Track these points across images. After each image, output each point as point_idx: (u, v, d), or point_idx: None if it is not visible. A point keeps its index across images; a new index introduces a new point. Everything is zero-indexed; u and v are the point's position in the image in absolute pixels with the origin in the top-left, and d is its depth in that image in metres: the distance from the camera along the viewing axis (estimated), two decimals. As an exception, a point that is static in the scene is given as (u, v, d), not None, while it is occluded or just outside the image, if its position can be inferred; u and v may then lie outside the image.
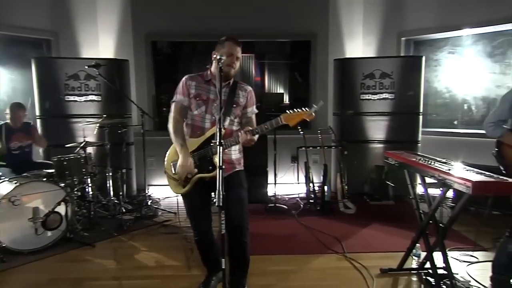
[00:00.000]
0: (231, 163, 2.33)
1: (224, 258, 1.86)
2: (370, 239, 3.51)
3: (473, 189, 1.88)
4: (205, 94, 2.30)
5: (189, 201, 2.39)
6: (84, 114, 4.56)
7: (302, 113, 2.06)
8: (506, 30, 4.59)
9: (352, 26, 5.53)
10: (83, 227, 3.63)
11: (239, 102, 2.34)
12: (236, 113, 2.33)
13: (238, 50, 2.25)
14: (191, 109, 2.32)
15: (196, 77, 2.36)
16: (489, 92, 4.87)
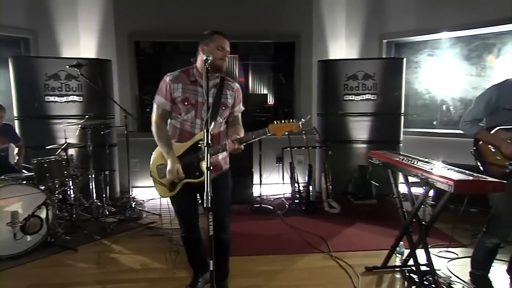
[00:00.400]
0: (218, 164, 2.30)
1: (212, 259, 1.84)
2: (354, 238, 3.55)
3: (455, 188, 1.92)
4: (193, 97, 2.20)
5: (177, 202, 2.35)
6: (65, 115, 4.44)
7: (290, 125, 2.06)
8: (481, 34, 4.75)
9: (335, 28, 5.59)
10: (65, 230, 3.53)
11: (227, 103, 2.27)
12: (224, 115, 2.28)
13: (228, 44, 2.20)
14: (179, 113, 2.23)
15: (180, 76, 2.22)
16: (466, 94, 5.01)
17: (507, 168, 2.29)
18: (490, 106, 2.40)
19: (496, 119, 2.40)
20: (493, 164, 2.37)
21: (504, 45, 4.68)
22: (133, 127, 5.21)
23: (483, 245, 2.47)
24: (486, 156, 2.41)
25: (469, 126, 2.47)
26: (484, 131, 2.44)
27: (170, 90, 2.21)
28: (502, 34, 4.66)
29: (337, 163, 4.82)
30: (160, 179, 2.29)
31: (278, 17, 5.40)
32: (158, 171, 2.30)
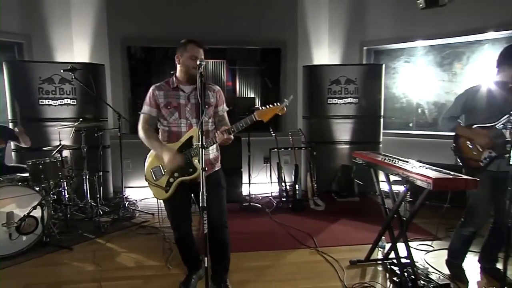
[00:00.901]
0: (210, 163, 2.30)
1: (207, 256, 1.83)
2: (339, 233, 3.58)
3: (434, 185, 1.97)
4: (175, 101, 2.25)
5: (170, 204, 2.33)
6: (59, 118, 4.34)
7: (274, 108, 2.05)
8: (452, 43, 4.89)
9: (319, 36, 5.64)
10: (60, 230, 3.45)
11: (210, 102, 2.30)
12: (209, 114, 2.30)
13: (202, 52, 2.21)
14: (165, 118, 2.26)
15: (162, 86, 2.30)
16: (439, 98, 5.14)
17: (482, 162, 2.39)
18: (465, 106, 2.51)
19: (473, 118, 2.49)
20: (470, 158, 2.46)
21: (472, 54, 4.83)
22: (126, 129, 5.13)
23: (461, 234, 2.57)
24: (464, 152, 2.51)
25: (447, 122, 2.59)
26: (461, 126, 2.55)
27: (154, 97, 2.28)
28: (470, 43, 4.81)
29: (322, 163, 4.86)
30: (155, 181, 2.27)
31: (265, 24, 5.42)
32: (153, 174, 2.29)
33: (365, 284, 2.53)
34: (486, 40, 4.70)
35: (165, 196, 2.26)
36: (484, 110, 2.42)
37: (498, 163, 2.36)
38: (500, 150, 2.31)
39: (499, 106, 2.36)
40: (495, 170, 2.36)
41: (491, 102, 2.41)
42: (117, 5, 5.11)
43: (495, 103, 2.39)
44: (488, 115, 2.41)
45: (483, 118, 2.43)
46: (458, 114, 2.58)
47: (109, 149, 4.80)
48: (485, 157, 2.39)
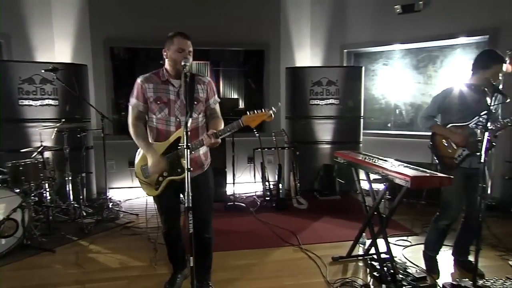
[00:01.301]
0: (200, 161, 2.25)
1: (193, 256, 1.81)
2: (321, 231, 3.62)
3: (411, 183, 2.02)
4: (165, 96, 2.15)
5: (160, 200, 2.29)
6: (40, 119, 4.20)
7: (262, 115, 2.01)
8: (427, 47, 5.05)
9: (301, 38, 5.69)
10: (42, 233, 3.33)
11: (200, 97, 2.21)
12: (199, 110, 2.21)
13: (189, 44, 2.10)
14: (154, 113, 2.17)
15: (151, 78, 2.18)
16: (415, 99, 5.27)
17: (456, 159, 2.51)
18: (441, 106, 2.61)
19: (448, 117, 2.60)
20: (446, 156, 2.57)
21: (445, 58, 4.99)
22: (109, 130, 5.04)
23: (436, 226, 2.66)
24: (440, 149, 2.61)
25: (424, 121, 2.68)
26: (437, 125, 2.64)
27: (142, 91, 2.17)
28: (443, 47, 4.97)
29: (304, 162, 4.90)
30: (145, 178, 2.23)
31: (249, 27, 5.42)
32: (143, 171, 2.24)
33: (346, 279, 2.56)
34: (457, 45, 4.87)
35: (155, 193, 2.21)
36: (458, 110, 2.53)
37: (470, 160, 2.48)
38: (473, 148, 2.42)
39: (472, 107, 2.47)
40: (467, 167, 2.47)
41: (464, 103, 2.51)
42: (99, 5, 5.00)
43: (468, 104, 2.49)
44: (462, 115, 2.51)
45: (457, 118, 2.53)
46: (435, 114, 2.68)
47: (92, 150, 4.68)
48: (459, 155, 2.50)
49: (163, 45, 2.19)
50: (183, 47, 2.08)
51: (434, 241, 2.71)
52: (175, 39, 2.11)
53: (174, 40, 2.11)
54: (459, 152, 2.50)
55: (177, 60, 2.09)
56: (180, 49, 2.08)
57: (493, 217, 3.92)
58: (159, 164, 2.11)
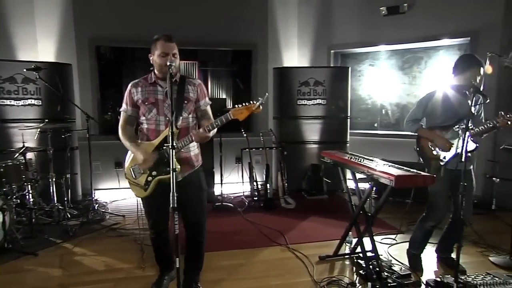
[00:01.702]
0: (190, 161, 2.24)
1: (178, 257, 1.80)
2: (309, 230, 3.64)
3: (396, 182, 2.05)
4: (153, 97, 2.17)
5: (148, 202, 2.28)
6: (22, 119, 4.10)
7: (250, 107, 2.00)
8: (412, 49, 5.14)
9: (289, 39, 5.71)
10: (24, 236, 3.25)
11: (190, 97, 2.22)
12: (189, 109, 2.21)
13: (172, 47, 2.10)
14: (143, 115, 2.19)
15: (140, 82, 2.23)
16: (401, 99, 5.36)
17: (442, 161, 2.56)
18: (427, 109, 2.67)
19: (432, 120, 2.67)
20: (431, 158, 2.63)
21: (429, 59, 5.09)
22: (95, 130, 4.96)
23: (422, 227, 2.70)
24: (426, 152, 2.66)
25: (410, 125, 2.73)
26: (422, 128, 2.70)
27: (130, 95, 2.22)
28: (428, 49, 5.06)
29: (292, 162, 4.92)
30: (135, 179, 2.20)
31: (236, 27, 5.42)
32: (132, 172, 2.23)
33: (333, 278, 2.58)
34: (441, 47, 4.97)
35: (144, 195, 2.20)
36: (442, 113, 2.59)
37: (456, 162, 2.47)
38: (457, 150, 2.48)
39: (455, 109, 2.54)
40: (453, 169, 2.48)
41: (447, 106, 2.57)
42: (84, 4, 4.91)
43: (452, 107, 2.55)
44: (445, 118, 2.58)
45: (441, 121, 2.60)
46: (420, 117, 2.73)
47: (78, 150, 4.60)
48: (444, 157, 2.56)
49: (150, 45, 2.19)
50: (166, 51, 2.09)
51: (419, 240, 2.76)
52: (158, 44, 2.11)
53: (157, 45, 2.12)
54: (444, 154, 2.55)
55: (161, 64, 2.10)
56: (163, 53, 2.09)
57: (475, 214, 4.01)
58: (149, 158, 2.11)
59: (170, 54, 2.09)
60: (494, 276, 2.39)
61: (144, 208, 2.31)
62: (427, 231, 2.69)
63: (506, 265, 2.74)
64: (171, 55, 2.09)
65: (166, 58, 2.07)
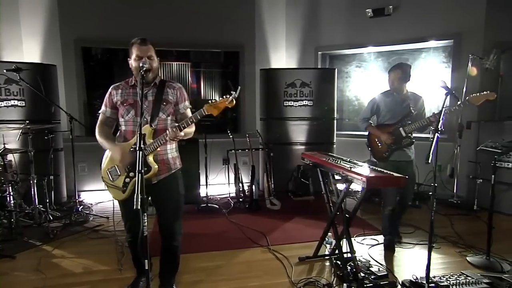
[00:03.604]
0: (167, 164, 2.23)
1: (147, 259, 1.79)
2: (292, 231, 3.63)
3: (367, 183, 2.05)
4: (131, 98, 2.18)
5: (124, 204, 2.26)
6: (4, 120, 4.06)
7: (223, 101, 1.97)
8: (398, 50, 5.17)
9: (276, 40, 5.72)
10: (3, 238, 3.22)
11: (169, 99, 2.22)
12: (168, 111, 2.21)
13: (146, 50, 2.09)
14: (122, 116, 2.19)
15: (120, 85, 2.25)
16: (388, 101, 5.37)
17: (385, 154, 3.09)
18: (373, 109, 3.21)
19: (379, 119, 3.20)
20: (378, 151, 3.17)
21: (415, 60, 5.11)
22: (81, 131, 4.92)
23: (383, 214, 3.15)
24: (373, 146, 3.21)
25: (361, 123, 3.29)
26: (371, 126, 3.23)
27: (110, 97, 2.25)
28: (413, 50, 5.09)
29: (279, 163, 4.92)
30: (112, 182, 2.19)
31: (225, 28, 5.42)
32: (109, 174, 2.21)
33: (310, 279, 2.58)
34: (425, 48, 5.01)
35: (122, 197, 2.18)
36: (386, 112, 3.13)
37: (398, 154, 3.05)
38: (397, 144, 3.03)
39: (395, 109, 3.08)
40: (397, 160, 3.04)
41: (389, 106, 3.11)
42: (69, 4, 4.89)
43: (393, 107, 3.10)
44: (389, 117, 3.11)
45: (385, 119, 3.14)
46: (369, 116, 3.25)
47: (62, 152, 4.57)
48: (387, 150, 3.08)
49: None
50: (140, 55, 2.10)
51: (386, 226, 3.16)
52: (133, 48, 2.13)
53: (133, 49, 2.14)
54: (386, 147, 3.07)
55: (136, 67, 2.11)
56: (137, 56, 2.10)
57: (457, 215, 4.05)
58: (126, 157, 2.11)
59: (145, 57, 2.10)
60: (467, 276, 2.40)
61: (121, 210, 2.29)
62: (387, 216, 3.10)
63: (482, 265, 2.75)
64: (146, 57, 2.10)
65: (141, 61, 2.07)
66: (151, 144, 2.07)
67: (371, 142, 3.21)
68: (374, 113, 3.21)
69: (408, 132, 2.99)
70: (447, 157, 4.62)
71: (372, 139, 3.20)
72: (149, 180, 2.10)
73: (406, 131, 2.99)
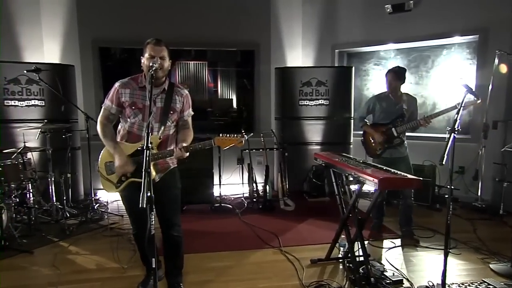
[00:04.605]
0: (165, 163, 2.28)
1: (154, 257, 1.83)
2: (305, 233, 3.61)
3: (380, 185, 2.01)
4: (140, 102, 2.20)
5: (126, 199, 2.32)
6: (26, 119, 4.24)
7: (233, 139, 2.13)
8: (418, 47, 5.02)
9: (292, 38, 5.69)
10: (22, 234, 3.35)
11: (176, 108, 2.26)
12: (173, 119, 2.26)
13: (160, 50, 2.13)
14: (128, 117, 2.22)
15: (129, 83, 2.24)
16: (408, 99, 5.23)
17: (378, 151, 3.36)
18: (369, 109, 3.46)
19: (375, 118, 3.45)
20: (371, 148, 3.43)
21: (437, 57, 4.95)
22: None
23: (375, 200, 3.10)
24: (367, 144, 3.48)
25: (357, 122, 3.62)
26: (366, 124, 3.48)
27: (117, 95, 2.23)
28: (435, 47, 4.93)
29: (294, 163, 4.90)
30: (108, 175, 2.25)
31: (239, 27, 5.43)
32: (106, 167, 2.26)
33: (321, 282, 2.55)
34: (448, 45, 4.84)
35: (113, 191, 2.25)
36: (380, 112, 3.39)
37: (390, 152, 3.32)
38: (389, 143, 3.29)
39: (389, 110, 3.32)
40: (389, 157, 3.29)
41: (384, 106, 3.35)
42: (88, 4, 5.03)
43: (387, 108, 3.33)
44: (383, 116, 3.37)
45: (380, 119, 3.38)
46: (365, 115, 3.50)
47: (79, 150, 4.71)
48: (379, 148, 3.34)
49: None
50: (153, 54, 2.13)
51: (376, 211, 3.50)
52: (147, 47, 2.17)
53: (146, 48, 2.17)
54: (379, 146, 3.33)
55: (148, 66, 2.13)
56: (150, 55, 2.14)
57: (482, 219, 3.90)
58: (126, 165, 2.14)
59: (157, 57, 2.13)
60: (489, 284, 2.31)
61: (124, 204, 2.35)
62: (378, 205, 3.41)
63: (506, 273, 2.64)
64: (158, 57, 2.13)
65: (152, 60, 2.11)
66: (155, 154, 2.10)
67: (365, 140, 3.48)
68: (370, 112, 3.46)
69: (400, 132, 3.25)
70: (471, 158, 4.45)
71: (366, 137, 3.47)
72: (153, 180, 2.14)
73: (398, 131, 3.24)
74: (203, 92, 6.31)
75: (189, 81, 6.17)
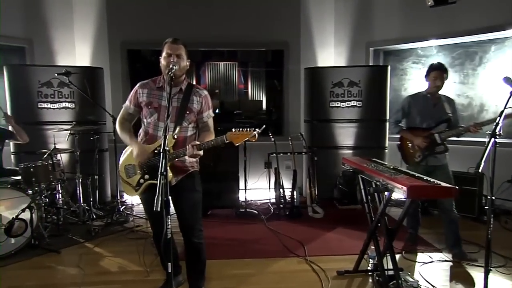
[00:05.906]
0: (184, 166, 2.33)
1: (171, 262, 1.88)
2: (332, 242, 3.55)
3: (409, 193, 1.94)
4: (157, 102, 2.29)
5: (147, 202, 2.40)
6: (57, 121, 4.52)
7: (246, 134, 2.11)
8: (464, 43, 4.78)
9: (324, 37, 5.63)
10: (51, 233, 3.58)
11: (193, 108, 2.31)
12: (190, 119, 2.31)
13: (177, 48, 2.21)
14: (145, 117, 2.33)
15: (148, 84, 2.35)
16: (451, 101, 5.00)
17: (417, 158, 3.16)
18: (405, 112, 3.28)
19: (410, 122, 3.27)
20: (409, 154, 3.24)
21: (485, 53, 4.69)
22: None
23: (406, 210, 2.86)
24: (405, 149, 3.29)
25: (393, 127, 3.41)
26: (403, 129, 3.31)
27: (136, 95, 2.36)
28: (483, 42, 4.67)
29: (324, 168, 4.83)
30: (127, 178, 2.35)
31: (269, 26, 5.47)
32: (126, 171, 2.37)
33: (347, 295, 2.50)
34: (499, 39, 4.56)
35: (134, 194, 2.35)
36: (416, 115, 3.19)
37: (428, 159, 3.13)
38: (430, 151, 3.09)
39: (426, 112, 3.15)
40: (425, 165, 3.11)
41: (420, 108, 3.18)
42: (117, 8, 5.29)
43: (423, 110, 3.16)
44: (420, 120, 3.18)
45: (416, 123, 3.20)
46: (400, 119, 3.32)
47: (107, 152, 4.95)
48: (419, 155, 3.14)
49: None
50: (170, 52, 2.22)
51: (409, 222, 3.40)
52: (165, 46, 2.27)
53: (164, 47, 2.27)
54: (419, 153, 3.13)
55: (165, 65, 2.22)
56: (167, 54, 2.23)
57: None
58: (144, 153, 2.23)
59: (173, 55, 2.20)
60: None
61: (144, 207, 2.45)
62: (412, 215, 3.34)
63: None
64: (174, 55, 2.21)
65: (169, 59, 2.20)
66: (169, 154, 2.15)
67: (403, 146, 3.29)
68: (406, 115, 3.29)
69: (444, 138, 3.05)
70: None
71: (404, 143, 3.29)
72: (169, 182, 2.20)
73: (442, 137, 3.05)
74: (233, 93, 6.41)
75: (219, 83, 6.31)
